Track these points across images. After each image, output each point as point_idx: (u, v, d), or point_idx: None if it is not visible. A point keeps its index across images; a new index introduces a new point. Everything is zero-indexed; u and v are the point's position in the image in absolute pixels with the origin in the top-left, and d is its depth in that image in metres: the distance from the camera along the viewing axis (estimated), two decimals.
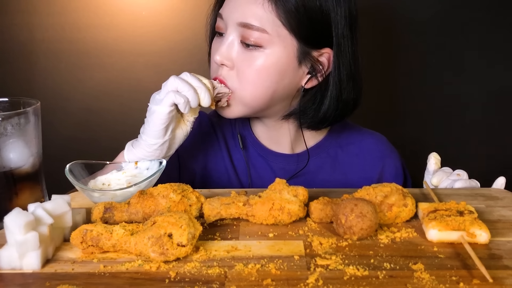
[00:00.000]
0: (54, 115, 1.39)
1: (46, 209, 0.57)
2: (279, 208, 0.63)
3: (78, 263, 0.56)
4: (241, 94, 0.84)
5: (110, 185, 0.74)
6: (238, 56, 0.83)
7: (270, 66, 0.82)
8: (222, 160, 0.99)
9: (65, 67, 1.42)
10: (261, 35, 0.80)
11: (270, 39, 0.80)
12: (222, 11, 0.85)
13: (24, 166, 0.71)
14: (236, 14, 0.82)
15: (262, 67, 0.82)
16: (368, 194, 0.65)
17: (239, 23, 0.81)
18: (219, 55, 0.83)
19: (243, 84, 0.83)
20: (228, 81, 0.84)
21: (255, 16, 0.80)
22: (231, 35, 0.83)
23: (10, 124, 0.69)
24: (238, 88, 0.84)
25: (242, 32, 0.81)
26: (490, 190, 0.77)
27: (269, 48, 0.81)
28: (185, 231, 0.55)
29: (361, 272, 0.52)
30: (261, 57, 0.81)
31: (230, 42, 0.83)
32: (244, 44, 0.82)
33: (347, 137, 1.00)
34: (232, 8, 0.83)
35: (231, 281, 0.51)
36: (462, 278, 0.51)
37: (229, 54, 0.83)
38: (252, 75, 0.82)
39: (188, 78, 0.77)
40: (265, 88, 0.83)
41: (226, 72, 0.84)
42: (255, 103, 0.85)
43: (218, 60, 0.84)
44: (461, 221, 0.59)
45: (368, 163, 0.98)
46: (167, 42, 1.41)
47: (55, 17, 1.38)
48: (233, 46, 0.83)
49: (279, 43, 0.81)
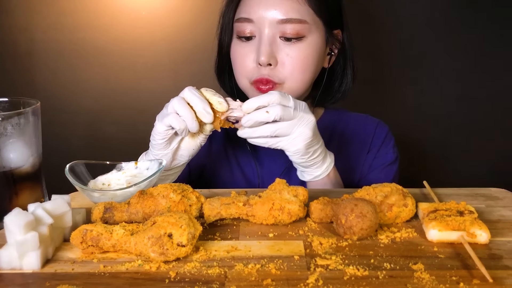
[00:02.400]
0: (54, 115, 1.39)
1: (46, 209, 0.57)
2: (279, 208, 0.63)
3: (78, 263, 0.56)
4: (291, 84, 0.88)
5: (110, 185, 0.74)
6: (282, 51, 0.86)
7: (313, 51, 0.88)
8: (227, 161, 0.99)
9: (65, 67, 1.42)
10: (303, 26, 0.86)
11: (309, 27, 0.87)
12: (250, 15, 0.87)
13: (24, 166, 0.71)
14: (273, 13, 0.85)
15: (308, 54, 0.88)
16: (368, 194, 0.65)
17: (280, 20, 0.85)
18: (264, 56, 0.85)
19: (293, 74, 0.87)
20: (275, 78, 0.87)
21: (294, 10, 0.85)
22: (270, 34, 0.86)
23: (10, 124, 0.69)
24: (288, 79, 0.87)
25: (282, 28, 0.85)
26: (490, 190, 0.77)
27: (309, 36, 0.87)
28: (185, 231, 0.55)
29: (361, 272, 0.52)
30: (305, 47, 0.87)
31: (271, 41, 0.86)
32: (285, 39, 0.86)
33: (341, 121, 1.03)
34: (265, 9, 0.86)
35: (231, 281, 0.51)
36: (462, 278, 0.51)
37: (273, 52, 0.86)
38: (300, 64, 0.87)
39: (192, 100, 0.73)
40: (311, 73, 0.90)
41: (270, 71, 0.87)
42: (302, 90, 0.91)
43: (264, 61, 0.85)
44: (461, 221, 0.59)
45: (363, 147, 1.00)
46: (167, 42, 1.41)
47: (55, 17, 1.38)
48: (275, 44, 0.86)
49: (315, 30, 0.88)
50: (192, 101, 0.73)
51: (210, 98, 0.74)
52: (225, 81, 1.00)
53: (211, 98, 0.74)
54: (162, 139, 0.76)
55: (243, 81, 0.92)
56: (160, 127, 0.75)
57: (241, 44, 0.90)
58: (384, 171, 0.97)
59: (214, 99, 0.74)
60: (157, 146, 0.78)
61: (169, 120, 0.74)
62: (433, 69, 1.44)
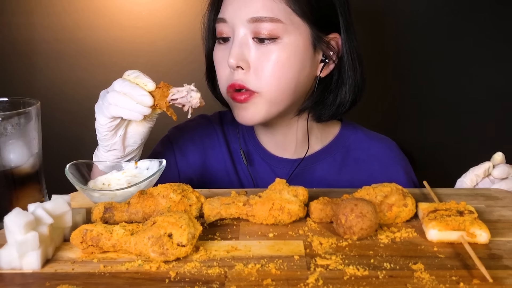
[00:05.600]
0: (54, 115, 1.39)
1: (46, 209, 0.57)
2: (279, 208, 0.63)
3: (78, 263, 0.56)
4: (267, 92, 0.81)
5: (110, 185, 0.74)
6: (254, 54, 0.80)
7: (290, 55, 0.80)
8: (224, 167, 0.97)
9: (65, 67, 1.42)
10: (276, 25, 0.78)
11: (285, 28, 0.79)
12: (224, 15, 0.82)
13: (24, 166, 0.71)
14: (244, 11, 0.79)
15: (283, 58, 0.80)
16: (368, 194, 0.65)
17: (250, 19, 0.79)
18: (233, 58, 0.79)
19: (267, 80, 0.80)
20: (249, 84, 0.80)
21: (266, 8, 0.78)
22: (242, 35, 0.80)
23: (10, 124, 0.69)
24: (262, 87, 0.81)
25: (254, 28, 0.79)
26: (490, 190, 0.77)
27: (285, 38, 0.79)
28: (185, 231, 0.55)
29: (361, 272, 0.52)
30: (280, 49, 0.79)
31: (242, 42, 0.80)
32: (258, 40, 0.80)
33: (355, 142, 0.97)
34: (237, 7, 0.80)
35: (231, 281, 0.51)
36: (462, 278, 0.51)
37: (244, 55, 0.80)
38: (274, 69, 0.80)
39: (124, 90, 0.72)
40: (289, 80, 0.81)
41: (242, 76, 0.81)
42: (281, 99, 0.82)
43: (233, 63, 0.79)
44: (461, 221, 0.59)
45: (376, 170, 0.95)
46: (167, 42, 1.41)
47: (55, 17, 1.38)
48: (246, 45, 0.80)
49: (294, 31, 0.80)
50: (125, 91, 0.72)
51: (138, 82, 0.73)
52: (215, 88, 0.93)
53: (138, 81, 0.73)
54: (107, 131, 0.75)
55: (222, 90, 0.86)
56: (103, 120, 0.74)
57: (219, 47, 0.85)
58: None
59: (139, 82, 0.73)
60: (104, 138, 0.76)
61: (112, 111, 0.72)
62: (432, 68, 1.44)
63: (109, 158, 0.79)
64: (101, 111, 0.74)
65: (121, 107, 0.72)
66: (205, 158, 0.98)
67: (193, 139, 0.98)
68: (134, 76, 0.74)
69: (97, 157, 0.80)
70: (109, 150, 0.78)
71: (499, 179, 0.80)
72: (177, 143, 0.99)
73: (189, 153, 0.97)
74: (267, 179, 0.95)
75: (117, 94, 0.72)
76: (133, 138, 0.78)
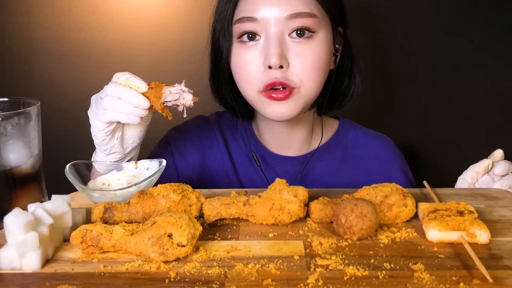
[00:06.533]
0: (54, 115, 1.39)
1: (46, 209, 0.57)
2: (279, 208, 0.63)
3: (78, 263, 0.56)
4: (309, 88, 0.81)
5: (110, 185, 0.74)
6: (293, 51, 0.79)
7: (326, 49, 0.82)
8: (223, 167, 0.97)
9: (65, 67, 1.42)
10: (313, 20, 0.79)
11: (319, 22, 0.81)
12: (256, 14, 0.79)
13: (24, 166, 0.71)
14: (281, 8, 0.78)
15: (321, 52, 0.81)
16: (368, 194, 0.65)
17: (289, 15, 0.78)
18: (275, 57, 0.77)
19: (308, 76, 0.80)
20: (289, 81, 0.80)
21: (302, 4, 0.79)
22: (279, 32, 0.79)
23: (10, 124, 0.69)
24: (304, 82, 0.80)
25: (291, 24, 0.79)
26: (490, 190, 0.77)
27: (320, 32, 0.81)
28: (185, 231, 0.55)
29: (361, 272, 0.52)
30: (317, 44, 0.80)
31: (280, 40, 0.79)
32: (296, 36, 0.79)
33: (354, 139, 0.99)
34: (270, 5, 0.79)
35: (231, 281, 0.51)
36: (462, 278, 0.51)
37: (284, 53, 0.79)
38: (314, 64, 0.80)
39: (119, 94, 0.71)
40: (324, 74, 0.83)
41: (282, 73, 0.79)
42: (316, 94, 0.84)
43: (276, 63, 0.77)
44: (461, 221, 0.59)
45: (373, 167, 0.96)
46: (167, 42, 1.41)
47: (55, 17, 1.38)
48: (284, 43, 0.79)
49: (325, 25, 0.82)
50: (120, 95, 0.71)
51: (130, 84, 0.72)
52: (226, 95, 0.92)
53: (130, 84, 0.72)
54: (105, 136, 0.75)
55: (250, 91, 0.83)
56: (99, 126, 0.74)
57: (244, 48, 0.82)
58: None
59: (131, 84, 0.72)
60: (102, 143, 0.76)
61: (109, 116, 0.72)
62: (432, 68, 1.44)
63: (109, 161, 0.79)
64: (96, 117, 0.74)
65: (118, 112, 0.72)
66: (203, 158, 0.98)
67: (191, 140, 0.98)
68: (125, 78, 0.72)
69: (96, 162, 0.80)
70: (108, 153, 0.78)
71: (500, 176, 0.81)
72: (175, 144, 0.99)
73: (187, 153, 0.97)
74: (268, 177, 0.95)
75: (112, 99, 0.71)
76: (132, 138, 0.79)
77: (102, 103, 0.72)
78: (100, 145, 0.77)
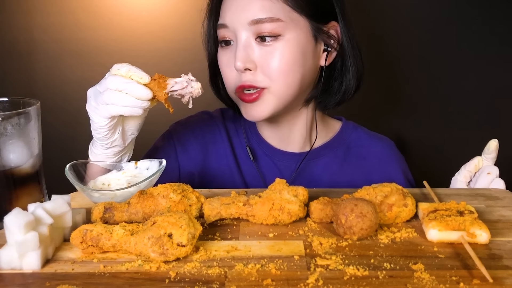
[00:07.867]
0: (54, 115, 1.39)
1: (46, 209, 0.57)
2: (279, 208, 0.63)
3: (78, 263, 0.56)
4: (275, 88, 0.84)
5: (110, 185, 0.74)
6: (259, 54, 0.83)
7: (293, 50, 0.83)
8: (226, 162, 0.98)
9: (65, 67, 1.42)
10: (276, 24, 0.81)
11: (285, 25, 0.82)
12: (224, 20, 0.84)
13: (24, 166, 0.71)
14: (243, 15, 0.82)
15: (287, 53, 0.82)
16: (368, 194, 0.65)
17: (251, 21, 0.81)
18: (239, 61, 0.82)
19: (274, 76, 0.83)
20: (257, 83, 0.83)
21: (265, 9, 0.81)
22: (244, 37, 0.83)
23: (10, 124, 0.69)
24: (270, 83, 0.83)
25: (255, 29, 0.82)
26: (490, 190, 0.77)
27: (287, 34, 0.82)
28: (185, 231, 0.55)
29: (361, 272, 0.52)
30: (283, 45, 0.82)
31: (246, 45, 0.83)
32: (260, 41, 0.82)
33: (356, 140, 1.00)
34: (237, 11, 0.83)
35: (231, 281, 0.51)
36: (462, 278, 0.51)
37: (249, 56, 0.83)
38: (280, 65, 0.82)
39: (120, 87, 0.70)
40: (295, 73, 0.84)
41: (250, 76, 0.83)
42: (289, 92, 0.85)
43: (240, 66, 0.82)
44: (461, 221, 0.59)
45: (374, 167, 0.98)
46: (167, 42, 1.41)
47: (55, 17, 1.38)
48: (250, 47, 0.83)
49: (294, 27, 0.83)
50: (121, 88, 0.70)
51: (132, 76, 0.71)
52: (219, 91, 0.97)
53: (132, 75, 0.71)
54: (107, 130, 0.74)
55: (230, 92, 0.89)
56: (101, 121, 0.73)
57: (223, 52, 0.87)
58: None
59: (134, 76, 0.71)
60: (104, 138, 0.76)
61: (114, 110, 0.71)
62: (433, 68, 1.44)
63: (109, 153, 0.79)
64: (97, 112, 0.73)
65: (120, 105, 0.71)
66: (206, 152, 0.98)
67: (194, 133, 0.99)
68: (126, 70, 0.72)
69: (94, 154, 0.80)
70: (109, 147, 0.78)
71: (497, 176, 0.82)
72: (178, 137, 1.00)
73: (190, 147, 0.98)
74: (270, 173, 0.96)
75: (113, 92, 0.70)
76: (131, 130, 0.79)
77: (103, 97, 0.71)
78: (101, 139, 0.76)
